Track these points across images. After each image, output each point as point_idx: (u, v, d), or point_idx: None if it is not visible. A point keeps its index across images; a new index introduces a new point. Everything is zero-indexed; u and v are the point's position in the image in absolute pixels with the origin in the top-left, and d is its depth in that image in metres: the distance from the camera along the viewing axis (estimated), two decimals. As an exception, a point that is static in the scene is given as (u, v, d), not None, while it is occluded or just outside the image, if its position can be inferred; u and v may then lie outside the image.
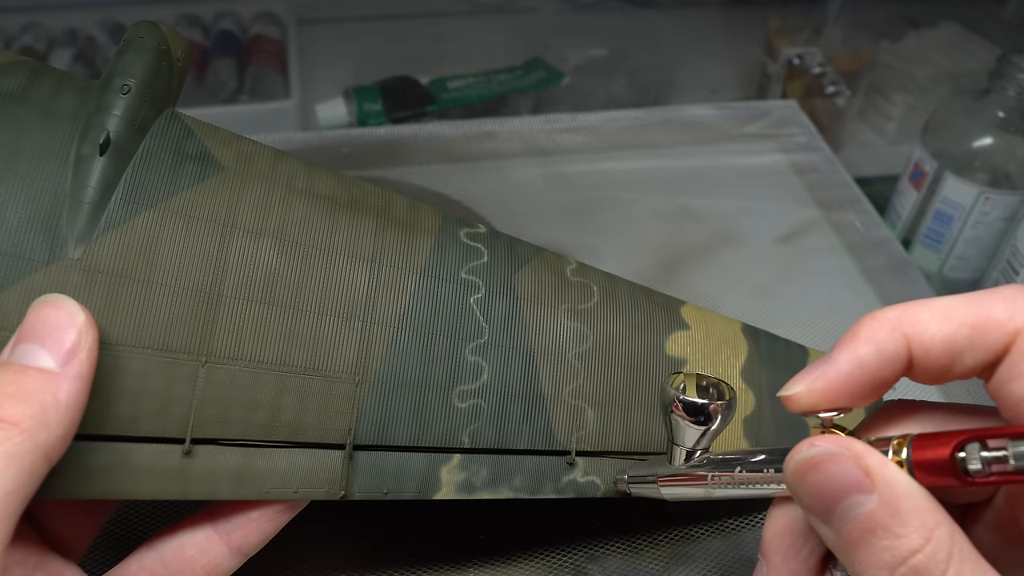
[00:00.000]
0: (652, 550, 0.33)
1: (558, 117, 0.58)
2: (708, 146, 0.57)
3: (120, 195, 0.25)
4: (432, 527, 0.33)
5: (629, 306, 0.31)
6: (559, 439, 0.29)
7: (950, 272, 0.52)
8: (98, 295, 0.24)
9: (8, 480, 0.19)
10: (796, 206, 0.52)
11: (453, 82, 0.64)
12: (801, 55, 0.66)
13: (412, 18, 0.76)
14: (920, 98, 0.65)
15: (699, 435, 0.25)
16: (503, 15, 0.77)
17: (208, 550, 0.26)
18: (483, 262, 0.29)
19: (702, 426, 0.24)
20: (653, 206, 0.51)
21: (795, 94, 0.65)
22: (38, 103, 0.25)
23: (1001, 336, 0.19)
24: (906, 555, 0.18)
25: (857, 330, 0.21)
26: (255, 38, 0.68)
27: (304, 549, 0.32)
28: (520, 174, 0.53)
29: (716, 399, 0.24)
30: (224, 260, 0.26)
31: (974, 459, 0.18)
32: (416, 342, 0.27)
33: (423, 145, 0.55)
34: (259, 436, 0.26)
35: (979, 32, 0.67)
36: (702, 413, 0.24)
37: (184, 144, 0.26)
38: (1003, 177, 0.48)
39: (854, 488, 0.19)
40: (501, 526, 0.33)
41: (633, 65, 0.71)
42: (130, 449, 0.24)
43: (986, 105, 0.49)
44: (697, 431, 0.24)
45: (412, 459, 0.27)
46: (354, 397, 0.26)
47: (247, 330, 0.25)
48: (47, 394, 0.20)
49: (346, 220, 0.28)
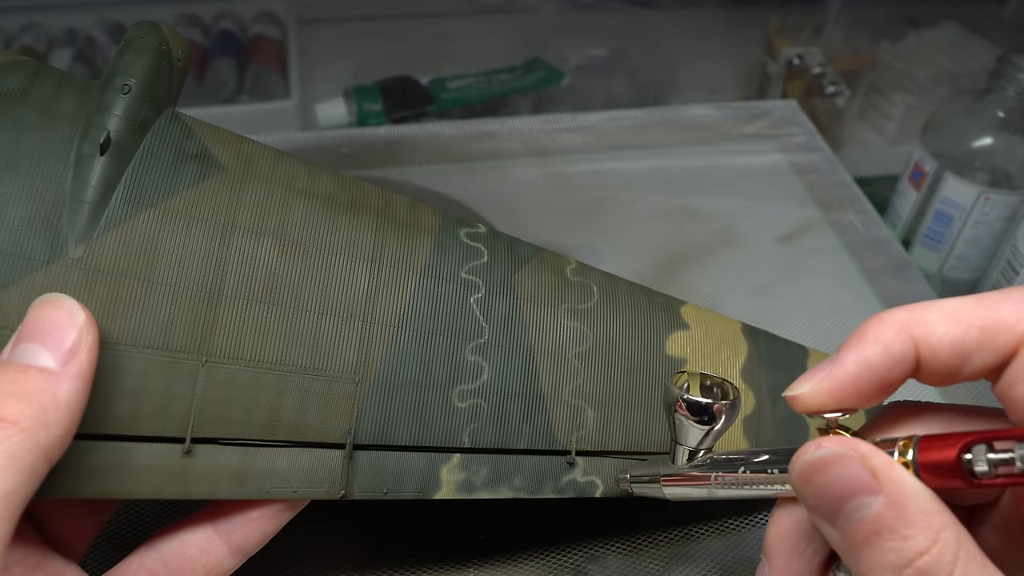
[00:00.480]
0: (652, 550, 0.33)
1: (558, 117, 0.58)
2: (708, 146, 0.57)
3: (121, 195, 0.25)
4: (432, 527, 0.33)
5: (629, 306, 0.31)
6: (559, 439, 0.29)
7: (950, 272, 0.52)
8: (98, 294, 0.24)
9: (8, 479, 0.19)
10: (796, 206, 0.52)
11: (453, 82, 0.64)
12: (801, 55, 0.66)
13: (412, 18, 0.76)
14: (920, 98, 0.65)
15: (703, 435, 0.24)
16: (503, 15, 0.77)
17: (208, 550, 0.26)
18: (483, 262, 0.29)
19: (706, 425, 0.24)
20: (653, 206, 0.51)
21: (795, 94, 0.65)
22: (39, 103, 0.25)
23: (1010, 338, 0.19)
24: (912, 557, 0.18)
25: (864, 331, 0.20)
26: (255, 38, 0.68)
27: (304, 549, 0.32)
28: (520, 174, 0.53)
29: (720, 399, 0.24)
30: (224, 260, 0.26)
31: (980, 461, 0.18)
32: (416, 342, 0.27)
33: (423, 145, 0.55)
34: (259, 435, 0.26)
35: (979, 32, 0.67)
36: (706, 412, 0.24)
37: (185, 144, 0.26)
38: (1003, 177, 0.48)
39: (860, 490, 0.18)
40: (501, 526, 0.33)
41: (633, 65, 0.71)
42: (130, 448, 0.24)
43: (986, 105, 0.49)
44: (701, 431, 0.24)
45: (412, 459, 0.27)
46: (354, 397, 0.26)
47: (247, 330, 0.26)
48: (47, 393, 0.20)
49: (346, 220, 0.28)
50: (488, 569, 0.32)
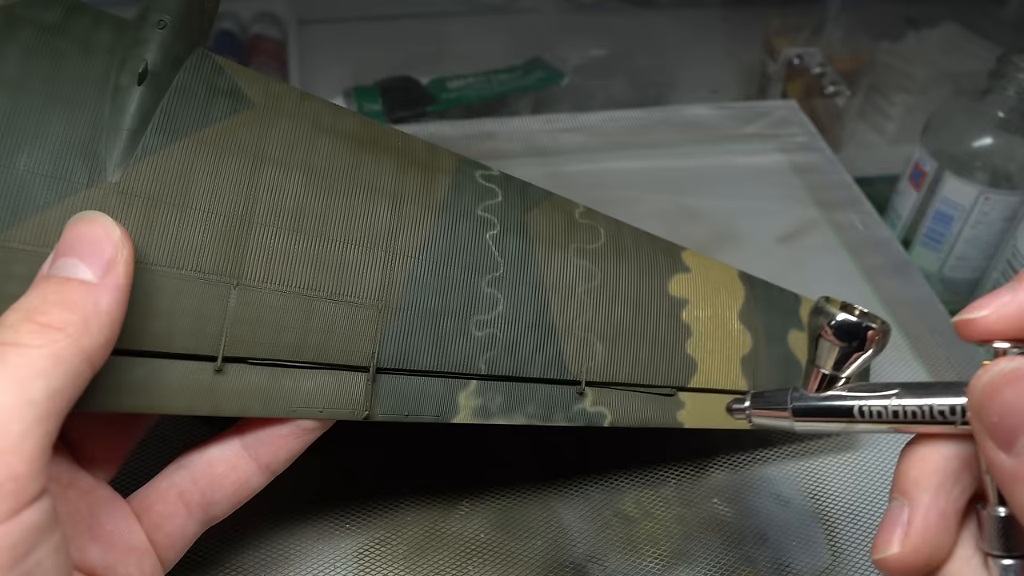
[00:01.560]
0: (652, 549, 0.33)
1: (558, 117, 0.58)
2: (708, 146, 0.57)
3: (156, 124, 0.26)
4: (432, 525, 0.33)
5: (634, 248, 0.32)
6: (570, 369, 0.30)
7: (950, 272, 0.52)
8: (135, 217, 0.25)
9: (55, 380, 0.19)
10: (796, 206, 0.52)
11: (453, 82, 0.64)
12: (801, 55, 0.66)
13: (412, 18, 0.76)
14: (920, 98, 0.65)
15: (849, 361, 0.23)
16: (503, 15, 0.77)
17: (237, 467, 0.27)
18: (497, 201, 0.31)
19: (856, 351, 0.23)
20: (653, 206, 0.51)
21: (795, 94, 0.65)
22: (77, 36, 0.27)
23: None
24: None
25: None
26: (255, 38, 0.68)
27: (307, 543, 0.32)
28: (520, 174, 0.53)
29: (875, 326, 0.23)
30: (254, 188, 0.27)
31: None
32: (436, 273, 0.29)
33: (423, 145, 0.55)
34: (287, 356, 0.27)
35: (979, 32, 0.67)
36: (858, 336, 0.22)
37: (216, 80, 0.28)
38: (1003, 177, 0.48)
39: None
40: (502, 525, 0.33)
41: (633, 65, 0.71)
42: (165, 365, 0.25)
43: (986, 105, 0.49)
44: (848, 356, 0.23)
45: (432, 384, 0.28)
46: (377, 322, 0.28)
47: (276, 255, 0.27)
48: (88, 303, 0.21)
49: (369, 157, 0.29)
50: (488, 569, 0.32)
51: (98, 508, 0.25)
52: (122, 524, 0.25)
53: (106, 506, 0.25)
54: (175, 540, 0.26)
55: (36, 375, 0.19)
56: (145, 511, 0.26)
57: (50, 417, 0.19)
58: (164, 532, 0.26)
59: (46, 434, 0.19)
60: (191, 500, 0.26)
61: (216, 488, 0.27)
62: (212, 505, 0.27)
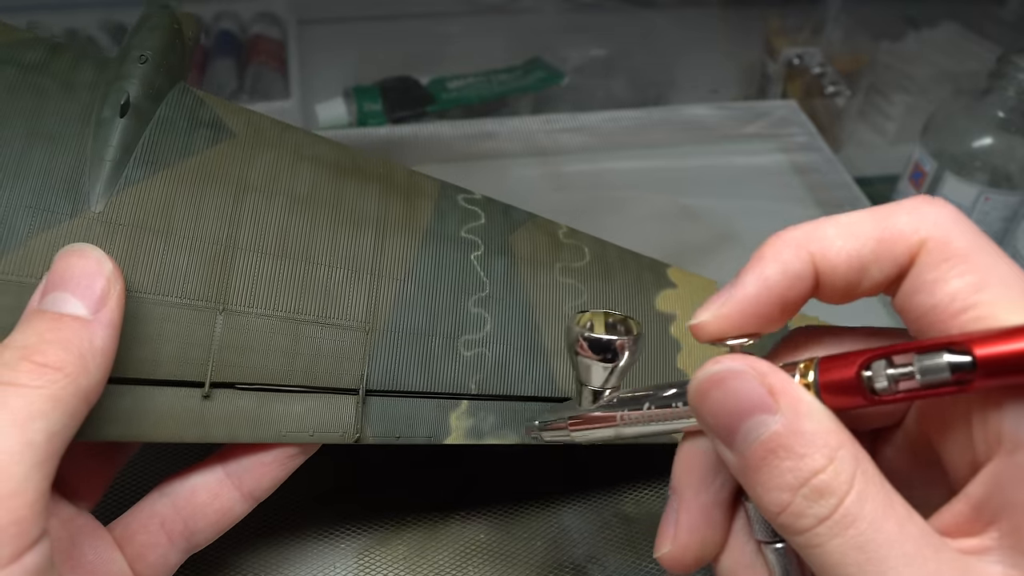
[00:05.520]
0: (652, 549, 0.33)
1: (558, 117, 0.58)
2: (708, 146, 0.57)
3: (139, 155, 0.26)
4: (432, 525, 0.33)
5: (620, 266, 0.32)
6: (561, 386, 0.30)
7: (950, 272, 0.52)
8: (119, 246, 0.26)
9: (54, 421, 0.19)
10: (796, 206, 0.52)
11: (453, 82, 0.64)
12: (801, 55, 0.66)
13: (412, 18, 0.76)
14: (920, 98, 0.65)
15: (607, 373, 0.23)
16: (503, 15, 0.77)
17: (220, 495, 0.26)
18: (481, 223, 0.31)
19: (609, 363, 0.23)
20: (653, 206, 0.51)
21: (795, 94, 0.65)
22: (59, 74, 0.27)
23: (905, 248, 0.19)
24: (808, 476, 0.17)
25: (762, 251, 0.20)
26: (255, 38, 0.68)
27: (305, 547, 0.32)
28: (520, 174, 0.53)
29: (623, 334, 0.23)
30: (238, 215, 0.27)
31: (880, 377, 0.17)
32: (422, 294, 0.29)
33: (423, 145, 0.55)
34: (275, 381, 0.27)
35: (979, 32, 0.67)
36: (608, 350, 0.23)
37: (198, 112, 0.28)
38: (1003, 177, 0.48)
39: (757, 407, 0.18)
40: (502, 526, 0.33)
41: (633, 65, 0.71)
42: (151, 392, 0.25)
43: (986, 105, 0.49)
44: (605, 369, 0.23)
45: (423, 405, 0.28)
46: (365, 344, 0.28)
47: (261, 280, 0.27)
48: (84, 341, 0.21)
49: (352, 183, 0.29)
50: (488, 569, 0.32)
51: (80, 538, 0.25)
52: (104, 555, 0.25)
53: (88, 536, 0.25)
54: (157, 570, 0.26)
55: (36, 417, 0.19)
56: (127, 541, 0.26)
57: (49, 459, 0.19)
58: (146, 562, 0.26)
59: (46, 477, 0.19)
60: (173, 529, 0.26)
61: (199, 517, 0.26)
62: (194, 534, 0.26)
